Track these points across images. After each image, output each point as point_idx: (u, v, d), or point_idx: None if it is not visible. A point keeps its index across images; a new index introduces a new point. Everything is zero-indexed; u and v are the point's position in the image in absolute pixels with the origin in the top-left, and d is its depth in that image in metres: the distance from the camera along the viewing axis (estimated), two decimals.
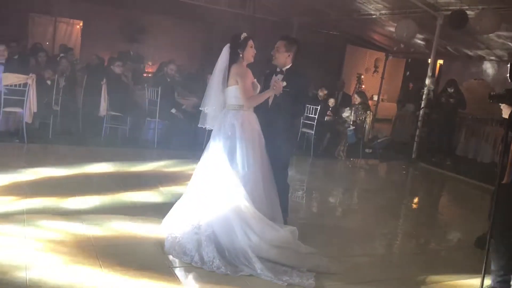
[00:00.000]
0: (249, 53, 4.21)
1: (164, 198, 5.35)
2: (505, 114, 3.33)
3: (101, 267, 3.47)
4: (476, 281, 3.19)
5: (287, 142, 4.46)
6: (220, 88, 4.19)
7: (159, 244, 3.99)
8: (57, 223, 4.20)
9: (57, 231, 4.03)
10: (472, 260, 4.63)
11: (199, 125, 4.43)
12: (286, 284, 3.53)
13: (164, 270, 3.59)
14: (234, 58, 4.17)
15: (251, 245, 3.75)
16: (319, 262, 3.91)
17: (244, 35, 4.20)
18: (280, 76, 4.38)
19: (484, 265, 3.36)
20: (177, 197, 5.24)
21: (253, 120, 4.23)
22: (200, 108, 4.34)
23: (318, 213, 5.94)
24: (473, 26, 8.28)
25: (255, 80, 4.31)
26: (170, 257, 3.79)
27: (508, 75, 3.35)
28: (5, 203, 4.53)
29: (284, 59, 4.41)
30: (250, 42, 4.20)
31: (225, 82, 4.16)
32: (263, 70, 4.84)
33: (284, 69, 4.43)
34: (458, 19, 8.24)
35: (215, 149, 4.16)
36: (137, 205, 4.99)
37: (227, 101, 4.21)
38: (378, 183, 8.61)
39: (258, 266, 3.62)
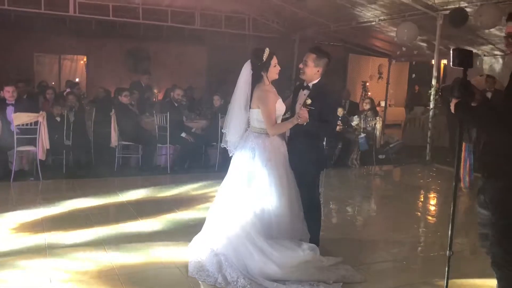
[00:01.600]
0: (273, 72, 4.00)
1: (182, 222, 5.34)
2: (452, 107, 2.90)
3: None
4: None
5: (312, 163, 4.11)
6: (242, 109, 4.02)
7: (183, 268, 3.97)
8: (79, 255, 4.21)
9: (80, 263, 4.03)
10: None
11: (222, 146, 4.26)
12: None
13: None
14: (256, 78, 3.98)
15: (269, 274, 3.67)
16: (345, 272, 3.85)
17: (266, 52, 3.94)
18: (306, 92, 4.10)
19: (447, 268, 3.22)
20: (195, 220, 5.31)
21: (278, 143, 4.05)
22: (222, 131, 4.20)
23: (337, 224, 5.89)
24: (474, 23, 8.27)
25: (280, 99, 4.06)
26: (196, 280, 3.76)
27: (451, 62, 2.95)
28: (26, 241, 4.55)
29: (312, 74, 4.06)
30: (274, 60, 3.97)
31: (248, 103, 3.99)
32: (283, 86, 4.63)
33: (311, 84, 4.10)
34: (458, 17, 8.23)
35: (235, 172, 4.07)
36: (156, 231, 4.98)
37: (250, 122, 4.06)
38: (395, 188, 8.54)
39: (282, 287, 3.59)
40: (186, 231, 4.89)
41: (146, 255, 4.29)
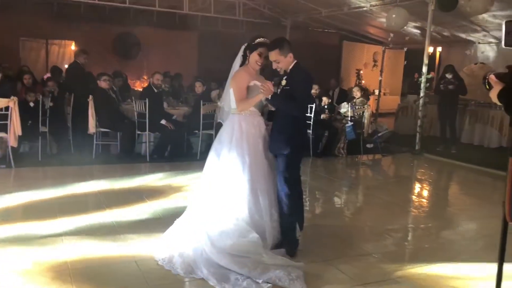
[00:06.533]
0: (253, 58, 3.99)
1: (151, 213, 5.12)
2: (494, 95, 2.51)
3: None
4: (493, 270, 2.80)
5: (284, 144, 3.93)
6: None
7: (142, 262, 3.77)
8: (34, 248, 3.99)
9: (33, 256, 3.81)
10: (489, 250, 4.34)
11: (218, 120, 4.42)
12: None
13: None
14: (243, 60, 4.08)
15: (204, 250, 3.66)
16: (283, 275, 3.49)
17: (259, 40, 3.99)
18: (277, 79, 4.13)
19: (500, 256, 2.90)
20: (164, 211, 5.12)
21: (250, 124, 3.97)
22: (219, 104, 4.45)
23: (321, 215, 5.66)
24: (464, 8, 7.99)
25: (255, 82, 3.98)
26: (152, 275, 3.56)
27: (503, 40, 2.48)
28: None
29: (288, 63, 3.98)
30: (260, 50, 3.97)
31: None
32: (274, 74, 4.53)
33: (288, 69, 4.02)
34: (447, 1, 7.96)
35: (209, 155, 4.09)
36: (122, 224, 4.74)
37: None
38: (382, 178, 8.33)
39: (204, 271, 3.51)
40: (153, 223, 4.72)
41: (105, 248, 4.07)
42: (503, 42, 2.41)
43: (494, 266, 2.74)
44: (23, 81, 8.53)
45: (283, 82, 3.97)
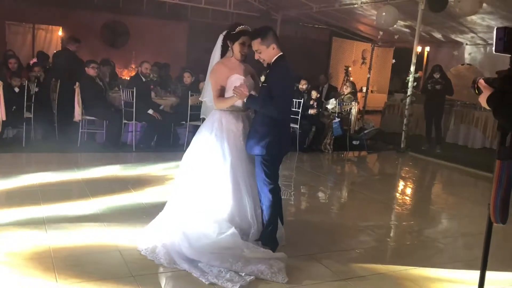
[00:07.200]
0: (237, 48, 3.81)
1: (136, 203, 5.10)
2: (483, 101, 2.45)
3: (56, 280, 3.22)
4: (475, 272, 2.82)
5: (258, 144, 3.73)
6: None
7: (126, 251, 3.76)
8: (16, 234, 3.95)
9: (15, 244, 3.77)
10: (468, 248, 4.47)
11: (201, 116, 4.23)
12: (208, 282, 3.32)
13: (126, 279, 3.34)
14: (223, 51, 3.92)
15: (181, 250, 3.63)
16: (265, 268, 3.47)
17: (240, 27, 3.79)
18: (265, 73, 3.92)
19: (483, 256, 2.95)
20: (149, 201, 5.10)
21: (230, 121, 3.84)
22: (200, 99, 4.23)
23: (306, 210, 5.69)
24: (453, 9, 8.06)
25: (238, 76, 3.81)
26: (136, 265, 3.55)
27: (494, 46, 2.38)
28: None
29: (270, 55, 3.71)
30: (243, 38, 3.77)
31: None
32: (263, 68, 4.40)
33: (271, 62, 3.76)
34: (437, 2, 8.01)
35: (189, 149, 3.98)
36: (106, 212, 4.72)
37: None
38: (367, 175, 8.39)
39: (185, 265, 3.50)
40: (137, 213, 4.71)
41: (89, 237, 4.05)
42: (493, 48, 2.40)
43: (473, 265, 2.76)
44: (8, 66, 8.40)
45: (262, 78, 3.81)
